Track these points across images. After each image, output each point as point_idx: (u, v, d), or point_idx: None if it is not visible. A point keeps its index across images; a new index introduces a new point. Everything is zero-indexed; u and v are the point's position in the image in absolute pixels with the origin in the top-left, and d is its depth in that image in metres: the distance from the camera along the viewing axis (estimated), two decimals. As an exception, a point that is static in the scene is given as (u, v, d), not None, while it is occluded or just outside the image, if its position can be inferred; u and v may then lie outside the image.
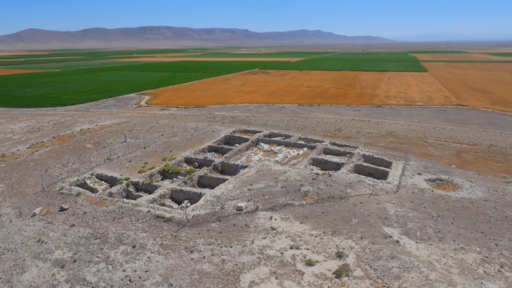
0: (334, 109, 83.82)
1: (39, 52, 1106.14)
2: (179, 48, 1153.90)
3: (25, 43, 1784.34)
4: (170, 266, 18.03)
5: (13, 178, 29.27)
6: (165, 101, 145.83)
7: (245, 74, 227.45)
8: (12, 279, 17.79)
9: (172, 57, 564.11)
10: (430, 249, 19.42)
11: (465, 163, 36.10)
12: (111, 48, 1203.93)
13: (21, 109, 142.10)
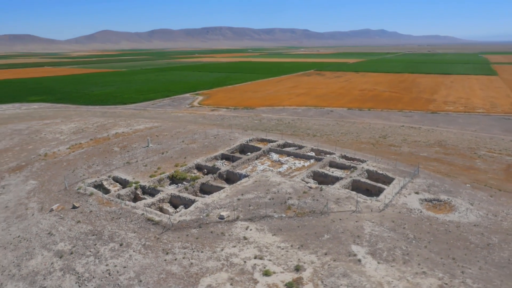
0: (384, 114, 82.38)
1: (111, 52, 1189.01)
2: (239, 48, 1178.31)
3: (99, 43, 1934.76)
4: (145, 265, 20.69)
5: (46, 176, 34.05)
6: (217, 102, 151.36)
7: (299, 76, 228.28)
8: (21, 264, 21.58)
9: (231, 57, 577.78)
10: (389, 271, 20.05)
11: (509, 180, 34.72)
12: (175, 48, 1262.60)
13: (87, 107, 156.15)
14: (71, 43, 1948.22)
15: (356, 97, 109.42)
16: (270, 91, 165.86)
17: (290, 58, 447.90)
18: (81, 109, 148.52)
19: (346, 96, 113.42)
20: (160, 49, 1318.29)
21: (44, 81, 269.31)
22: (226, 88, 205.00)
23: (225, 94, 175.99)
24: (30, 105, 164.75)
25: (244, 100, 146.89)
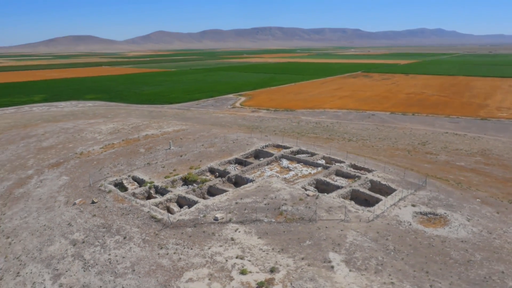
0: (429, 119, 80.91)
1: (164, 52, 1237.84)
2: (288, 48, 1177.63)
3: (154, 43, 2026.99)
4: (140, 257, 23.65)
5: (77, 173, 38.52)
6: (258, 103, 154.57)
7: (344, 78, 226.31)
8: (42, 249, 25.46)
9: (279, 58, 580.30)
10: (357, 279, 21.35)
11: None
12: (225, 49, 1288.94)
13: (136, 105, 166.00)
14: (128, 43, 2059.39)
15: (401, 101, 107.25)
16: (313, 93, 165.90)
17: (338, 59, 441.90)
18: (130, 107, 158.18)
19: (391, 100, 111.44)
20: (210, 49, 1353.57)
21: (101, 80, 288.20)
22: (269, 89, 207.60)
23: (267, 96, 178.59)
24: (85, 103, 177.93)
25: (285, 102, 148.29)
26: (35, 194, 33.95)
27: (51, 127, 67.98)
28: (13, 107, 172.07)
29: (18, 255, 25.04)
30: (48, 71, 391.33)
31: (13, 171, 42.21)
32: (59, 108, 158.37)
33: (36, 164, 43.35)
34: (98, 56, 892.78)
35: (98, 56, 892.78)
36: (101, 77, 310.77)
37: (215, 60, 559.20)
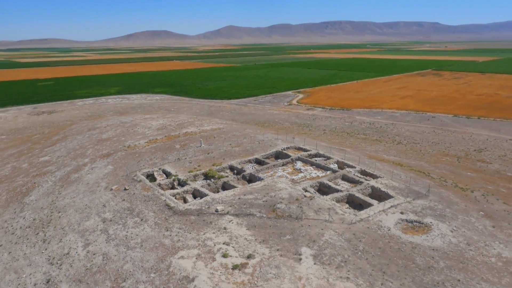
0: (495, 124, 79.06)
1: (232, 46, 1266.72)
2: (358, 43, 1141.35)
3: (224, 38, 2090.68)
4: (149, 236, 29.41)
5: (120, 163, 45.88)
6: (315, 101, 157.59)
7: (411, 76, 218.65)
8: (80, 223, 32.44)
9: (346, 53, 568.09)
10: (317, 271, 24.86)
11: None
12: (293, 43, 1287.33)
13: (198, 100, 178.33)
14: (200, 38, 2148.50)
15: (469, 103, 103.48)
16: (373, 92, 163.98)
17: (409, 55, 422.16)
18: (192, 102, 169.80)
19: (458, 101, 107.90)
20: (278, 44, 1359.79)
21: (169, 74, 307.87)
22: (329, 87, 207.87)
23: (326, 93, 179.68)
24: (153, 96, 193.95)
25: (343, 100, 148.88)
26: (85, 179, 41.71)
27: (113, 120, 77.96)
28: (92, 98, 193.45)
29: (63, 226, 32.26)
30: (125, 65, 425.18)
31: (74, 159, 51.11)
32: (130, 100, 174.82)
33: (92, 154, 51.89)
34: (171, 51, 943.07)
35: (171, 51, 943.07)
36: (170, 72, 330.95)
37: (281, 55, 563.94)
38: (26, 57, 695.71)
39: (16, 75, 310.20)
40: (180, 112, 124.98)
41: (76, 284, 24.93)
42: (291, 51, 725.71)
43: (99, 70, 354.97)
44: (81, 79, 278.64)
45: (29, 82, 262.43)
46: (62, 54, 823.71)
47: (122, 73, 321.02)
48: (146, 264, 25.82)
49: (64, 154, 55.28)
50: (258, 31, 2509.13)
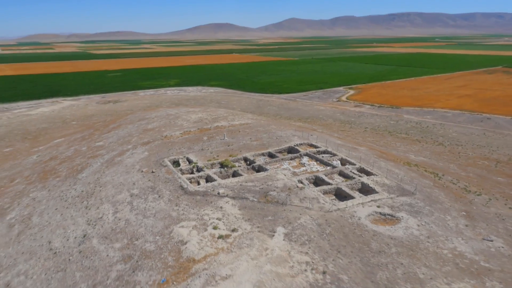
0: None
1: (293, 39, 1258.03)
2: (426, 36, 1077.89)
3: (285, 31, 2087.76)
4: (161, 209, 37.06)
5: (154, 151, 54.50)
6: (365, 98, 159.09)
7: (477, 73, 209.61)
8: (114, 196, 41.12)
9: (411, 47, 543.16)
10: (283, 245, 30.62)
11: None
12: (356, 36, 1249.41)
13: (249, 94, 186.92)
14: (261, 31, 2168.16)
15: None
16: (430, 90, 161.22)
17: (480, 50, 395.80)
18: (243, 95, 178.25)
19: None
20: (340, 37, 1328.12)
21: (227, 68, 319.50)
22: (383, 83, 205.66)
23: (378, 90, 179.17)
24: (208, 89, 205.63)
25: (394, 98, 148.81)
26: (124, 162, 50.82)
27: (161, 112, 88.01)
28: (153, 89, 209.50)
29: (101, 197, 41.20)
30: (187, 57, 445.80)
31: (121, 145, 60.95)
32: (186, 92, 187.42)
33: (135, 141, 61.39)
34: (232, 43, 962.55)
35: (232, 43, 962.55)
36: (227, 65, 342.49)
37: (341, 49, 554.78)
38: (100, 49, 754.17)
39: (90, 66, 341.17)
40: (230, 105, 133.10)
41: (103, 239, 33.26)
42: (352, 44, 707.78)
43: (162, 62, 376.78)
44: (146, 71, 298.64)
45: (100, 73, 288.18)
46: (132, 46, 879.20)
47: (183, 66, 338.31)
48: (155, 230, 33.43)
49: (115, 141, 65.60)
50: (320, 24, 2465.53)
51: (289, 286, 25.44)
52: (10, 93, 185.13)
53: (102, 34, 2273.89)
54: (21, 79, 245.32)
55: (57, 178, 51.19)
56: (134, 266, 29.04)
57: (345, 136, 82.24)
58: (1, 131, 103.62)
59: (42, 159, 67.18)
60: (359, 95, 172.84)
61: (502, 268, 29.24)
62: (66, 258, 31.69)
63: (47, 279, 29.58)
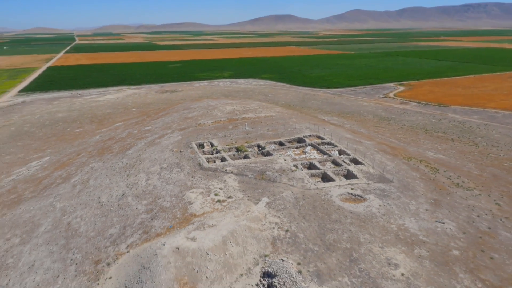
0: None
1: (355, 32, 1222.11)
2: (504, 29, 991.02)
3: (347, 23, 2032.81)
4: (181, 179, 48.06)
5: (187, 135, 65.95)
6: (414, 95, 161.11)
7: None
8: (149, 168, 53.03)
9: (482, 42, 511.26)
10: (262, 209, 39.92)
11: None
12: (425, 29, 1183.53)
13: (297, 87, 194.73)
14: (323, 23, 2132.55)
15: None
16: (487, 89, 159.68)
17: None
18: (291, 88, 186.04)
19: None
20: (406, 29, 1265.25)
21: (281, 61, 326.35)
22: (437, 80, 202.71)
23: (430, 87, 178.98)
24: (258, 81, 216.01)
25: (444, 96, 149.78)
26: (161, 143, 62.90)
27: (203, 103, 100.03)
28: (208, 80, 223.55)
29: (139, 169, 53.33)
30: (244, 50, 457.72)
31: (163, 130, 73.45)
32: (237, 84, 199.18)
33: (174, 127, 73.55)
34: (292, 35, 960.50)
35: (292, 35, 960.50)
36: (282, 58, 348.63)
37: (403, 42, 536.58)
38: (164, 40, 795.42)
39: (154, 57, 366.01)
40: (275, 98, 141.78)
41: (135, 197, 45.02)
42: (417, 38, 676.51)
43: (220, 54, 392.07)
44: (204, 63, 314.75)
45: (162, 63, 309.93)
46: (194, 37, 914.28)
47: (239, 58, 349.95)
48: (172, 193, 44.51)
49: (160, 126, 78.43)
50: (385, 15, 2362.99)
51: (255, 236, 34.92)
52: (84, 81, 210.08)
53: (167, 25, 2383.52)
54: (93, 68, 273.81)
55: (111, 153, 64.72)
56: (153, 216, 40.24)
57: (374, 131, 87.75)
58: (74, 115, 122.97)
59: (103, 139, 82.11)
60: (408, 92, 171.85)
61: (437, 242, 36.10)
62: (109, 208, 43.89)
63: (94, 221, 41.88)
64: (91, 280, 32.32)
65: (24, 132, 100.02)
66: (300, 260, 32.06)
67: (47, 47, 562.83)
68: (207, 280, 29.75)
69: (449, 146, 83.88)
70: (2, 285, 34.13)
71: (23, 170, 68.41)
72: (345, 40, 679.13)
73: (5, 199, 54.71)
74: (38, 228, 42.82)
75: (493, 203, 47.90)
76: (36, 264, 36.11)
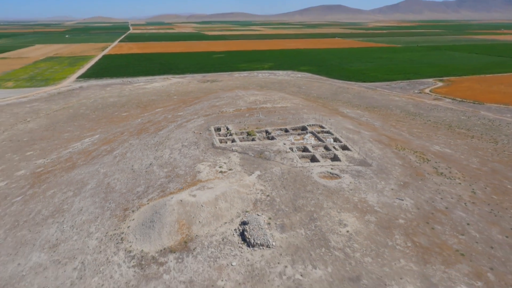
0: None
1: (407, 23, 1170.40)
2: None
3: (401, 13, 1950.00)
4: (195, 154, 59.73)
5: (209, 120, 77.61)
6: (451, 92, 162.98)
7: None
8: (173, 145, 65.36)
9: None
10: (252, 179, 50.40)
11: None
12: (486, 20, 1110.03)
13: (332, 80, 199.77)
14: (375, 13, 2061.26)
15: None
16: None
17: None
18: (326, 82, 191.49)
19: None
20: (465, 21, 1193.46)
21: (323, 53, 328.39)
22: (481, 77, 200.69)
23: (471, 84, 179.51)
24: (296, 73, 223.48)
25: (483, 94, 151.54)
26: (187, 126, 75.11)
27: (232, 93, 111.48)
28: (247, 71, 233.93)
29: (166, 145, 65.78)
30: (288, 41, 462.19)
31: (191, 115, 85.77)
32: (275, 76, 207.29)
33: (201, 113, 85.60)
34: (340, 26, 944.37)
35: (340, 26, 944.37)
36: (325, 50, 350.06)
37: (457, 35, 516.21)
38: (213, 30, 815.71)
39: (200, 47, 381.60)
40: (308, 90, 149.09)
41: (159, 167, 57.36)
42: (474, 31, 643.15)
43: (264, 45, 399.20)
44: (246, 54, 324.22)
45: (207, 54, 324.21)
46: (242, 27, 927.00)
47: (281, 49, 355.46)
48: (187, 164, 56.31)
49: (190, 112, 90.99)
50: (443, 5, 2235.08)
51: (242, 197, 45.64)
52: (134, 69, 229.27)
53: (217, 15, 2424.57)
54: (143, 57, 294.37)
55: (147, 133, 78.03)
56: (170, 180, 52.23)
57: (390, 125, 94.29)
58: (123, 100, 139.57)
59: (143, 121, 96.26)
60: (445, 88, 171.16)
61: (388, 213, 44.75)
62: (138, 174, 56.60)
63: (127, 182, 54.68)
64: (120, 221, 44.82)
65: (80, 114, 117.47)
66: (272, 216, 42.38)
67: (103, 36, 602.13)
68: (199, 224, 41.01)
69: (464, 142, 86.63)
70: (60, 221, 47.70)
71: (78, 144, 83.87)
72: (395, 32, 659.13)
73: (63, 165, 69.66)
74: (86, 186, 56.51)
75: (468, 191, 54.53)
76: (83, 209, 49.43)
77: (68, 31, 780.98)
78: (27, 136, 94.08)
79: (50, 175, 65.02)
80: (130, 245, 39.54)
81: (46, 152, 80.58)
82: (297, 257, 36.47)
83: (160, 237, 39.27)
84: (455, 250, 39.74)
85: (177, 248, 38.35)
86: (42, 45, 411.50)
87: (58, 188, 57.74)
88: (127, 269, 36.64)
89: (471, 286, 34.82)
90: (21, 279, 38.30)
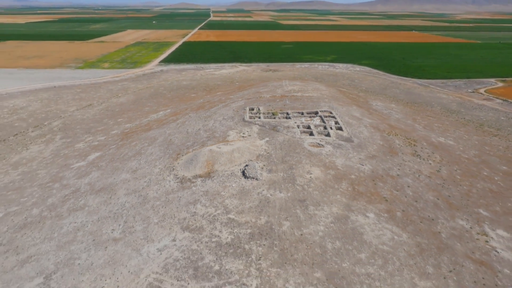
0: None
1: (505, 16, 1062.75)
2: None
3: (499, 4, 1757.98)
4: (229, 124, 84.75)
5: (248, 102, 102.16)
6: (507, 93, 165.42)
7: None
8: (217, 118, 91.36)
9: None
10: (261, 140, 74.14)
11: None
12: None
13: (388, 75, 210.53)
14: (467, 3, 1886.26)
15: None
16: None
17: None
18: (381, 76, 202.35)
19: None
20: None
21: (390, 47, 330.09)
22: None
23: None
24: (355, 67, 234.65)
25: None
26: (230, 106, 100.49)
27: (278, 83, 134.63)
28: (309, 63, 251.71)
29: (212, 118, 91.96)
30: (360, 33, 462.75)
31: (238, 98, 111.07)
32: (334, 68, 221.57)
33: (245, 97, 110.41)
34: (422, 18, 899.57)
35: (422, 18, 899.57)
36: (394, 44, 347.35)
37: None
38: (289, 18, 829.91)
39: (272, 37, 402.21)
40: (360, 84, 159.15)
41: (205, 131, 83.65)
42: None
43: (333, 37, 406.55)
44: (313, 45, 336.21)
45: (276, 44, 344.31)
46: (319, 17, 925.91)
47: (350, 42, 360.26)
48: (222, 130, 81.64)
49: (238, 96, 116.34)
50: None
51: (250, 152, 69.72)
52: (207, 56, 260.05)
53: (296, 3, 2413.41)
54: (217, 45, 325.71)
55: (203, 110, 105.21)
56: (208, 139, 78.06)
57: (411, 119, 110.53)
58: (194, 84, 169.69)
59: (204, 101, 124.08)
60: (503, 89, 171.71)
61: (346, 170, 65.66)
62: (190, 134, 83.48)
63: (181, 139, 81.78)
64: (173, 160, 71.73)
65: (158, 93, 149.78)
66: (265, 164, 65.98)
67: (185, 22, 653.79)
68: (219, 164, 66.11)
69: (480, 139, 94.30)
70: (138, 159, 76.18)
71: (154, 115, 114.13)
72: (482, 26, 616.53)
73: (143, 128, 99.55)
74: (156, 140, 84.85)
75: (434, 169, 72.21)
76: (153, 153, 77.46)
77: (155, 17, 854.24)
78: (118, 108, 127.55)
79: (134, 134, 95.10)
80: (177, 172, 66.12)
81: (131, 119, 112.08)
82: (272, 186, 59.82)
83: (194, 169, 65.23)
84: (382, 197, 59.53)
85: (203, 175, 63.96)
86: (132, 30, 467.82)
87: (139, 141, 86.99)
88: (174, 183, 63.17)
89: (378, 215, 54.97)
90: (116, 185, 66.90)
